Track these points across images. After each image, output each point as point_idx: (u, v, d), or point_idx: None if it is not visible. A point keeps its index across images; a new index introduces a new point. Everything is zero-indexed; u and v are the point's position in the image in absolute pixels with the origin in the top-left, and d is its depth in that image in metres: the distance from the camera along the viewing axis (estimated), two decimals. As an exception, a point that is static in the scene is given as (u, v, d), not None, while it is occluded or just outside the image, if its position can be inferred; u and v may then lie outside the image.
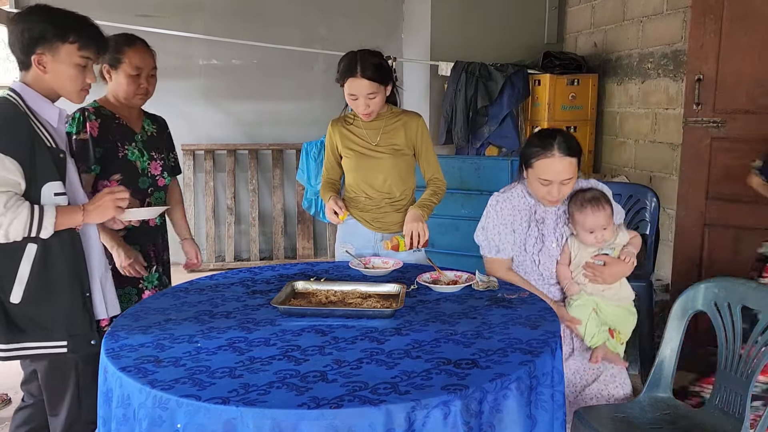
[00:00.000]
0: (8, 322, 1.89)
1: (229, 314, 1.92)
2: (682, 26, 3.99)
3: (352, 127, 2.64)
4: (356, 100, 2.49)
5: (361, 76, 2.43)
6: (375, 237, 2.67)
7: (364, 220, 2.67)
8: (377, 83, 2.46)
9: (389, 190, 2.63)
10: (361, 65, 2.44)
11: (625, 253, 2.24)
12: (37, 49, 1.87)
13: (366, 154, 2.61)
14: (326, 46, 5.47)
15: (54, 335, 1.92)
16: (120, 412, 1.49)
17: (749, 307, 2.03)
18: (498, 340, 1.70)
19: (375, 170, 2.61)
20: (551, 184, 2.20)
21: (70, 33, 1.88)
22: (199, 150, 5.55)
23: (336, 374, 1.49)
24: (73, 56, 1.90)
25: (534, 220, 2.32)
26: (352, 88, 2.47)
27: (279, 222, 5.70)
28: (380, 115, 2.60)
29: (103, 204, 1.92)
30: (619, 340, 2.29)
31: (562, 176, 2.18)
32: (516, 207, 2.31)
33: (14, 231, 1.78)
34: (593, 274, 2.23)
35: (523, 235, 2.32)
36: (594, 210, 2.18)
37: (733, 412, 1.99)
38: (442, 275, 2.28)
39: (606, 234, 2.22)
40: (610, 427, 2.01)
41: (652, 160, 4.32)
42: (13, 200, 1.77)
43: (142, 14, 4.88)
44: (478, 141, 4.94)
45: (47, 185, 1.87)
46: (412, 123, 2.62)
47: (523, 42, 5.32)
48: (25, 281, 1.87)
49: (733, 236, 3.15)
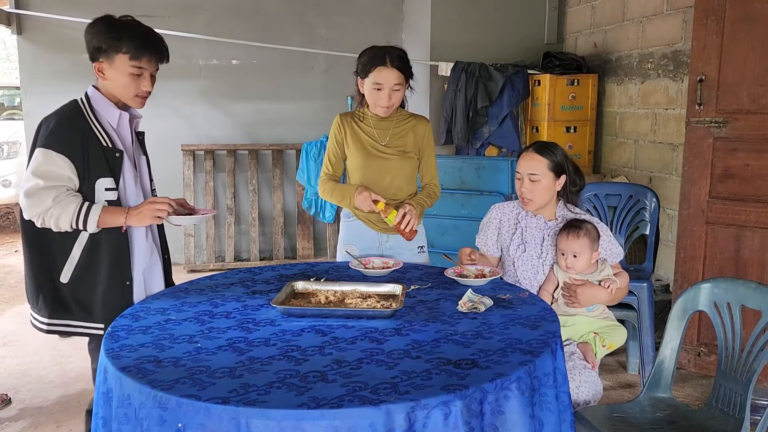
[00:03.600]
0: (55, 299, 2.12)
1: (229, 314, 1.92)
2: (682, 26, 3.99)
3: (362, 125, 2.64)
4: (380, 90, 2.49)
5: (390, 66, 2.46)
6: (380, 238, 2.67)
7: (369, 221, 2.66)
8: (404, 75, 2.50)
9: (395, 192, 2.62)
10: (389, 55, 2.47)
11: (606, 279, 2.34)
12: (99, 58, 2.09)
13: (374, 153, 2.60)
14: (326, 46, 5.47)
15: (93, 317, 2.13)
16: (121, 411, 1.48)
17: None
18: (498, 340, 1.70)
19: (382, 171, 2.61)
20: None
21: (123, 44, 2.06)
22: (199, 150, 5.55)
23: (336, 374, 1.49)
24: (125, 66, 2.08)
25: (519, 227, 2.49)
26: (380, 77, 2.47)
27: (279, 222, 5.70)
28: (391, 116, 2.61)
29: (143, 212, 2.08)
30: (602, 342, 2.32)
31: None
32: (506, 214, 2.55)
33: (63, 223, 2.00)
34: (568, 293, 2.33)
35: (509, 238, 2.49)
36: (569, 235, 2.33)
37: (733, 412, 1.99)
38: (464, 269, 2.31)
39: (577, 263, 2.32)
40: (610, 427, 2.01)
41: (652, 161, 4.32)
42: (64, 194, 2.00)
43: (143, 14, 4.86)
44: (478, 141, 4.94)
45: (99, 181, 2.07)
46: (421, 127, 2.65)
47: (523, 42, 5.32)
48: (75, 263, 2.09)
49: (735, 236, 3.16)
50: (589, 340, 2.32)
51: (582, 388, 2.11)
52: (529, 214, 2.47)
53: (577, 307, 2.34)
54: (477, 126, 4.91)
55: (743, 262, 3.14)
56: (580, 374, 2.14)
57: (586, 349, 2.27)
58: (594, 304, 2.35)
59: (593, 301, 2.34)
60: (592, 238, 2.31)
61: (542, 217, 2.46)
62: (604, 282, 2.33)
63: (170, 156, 5.41)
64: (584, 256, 2.31)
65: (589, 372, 2.17)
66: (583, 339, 2.34)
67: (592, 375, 2.17)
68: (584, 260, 2.31)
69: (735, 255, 3.17)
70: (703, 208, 3.24)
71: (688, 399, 3.10)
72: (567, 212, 2.47)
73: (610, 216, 3.56)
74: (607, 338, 2.33)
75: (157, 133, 4.69)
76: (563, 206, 2.49)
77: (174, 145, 5.48)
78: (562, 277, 2.37)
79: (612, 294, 2.33)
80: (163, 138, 5.25)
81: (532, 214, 2.47)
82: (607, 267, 2.39)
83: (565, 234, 2.34)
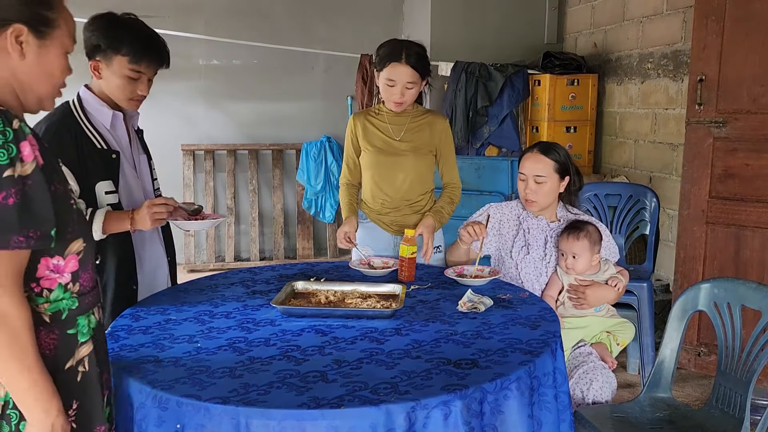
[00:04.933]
0: None
1: (229, 314, 1.92)
2: (682, 26, 3.99)
3: (376, 120, 2.58)
4: (393, 86, 2.43)
5: (405, 62, 2.39)
6: (394, 240, 2.59)
7: (383, 223, 2.61)
8: (418, 73, 2.43)
9: (408, 191, 2.56)
10: (406, 51, 2.40)
11: (613, 278, 2.34)
12: (96, 57, 2.01)
13: (387, 150, 2.54)
14: (326, 46, 5.47)
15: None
16: (121, 411, 1.48)
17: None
18: (498, 340, 1.70)
19: (395, 168, 2.55)
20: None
21: (124, 46, 1.99)
22: (199, 150, 5.55)
23: (336, 374, 1.49)
24: (123, 68, 2.01)
25: (522, 228, 2.45)
26: (393, 73, 2.41)
27: (279, 222, 5.70)
28: (406, 111, 2.55)
29: (142, 216, 1.98)
30: (615, 340, 2.33)
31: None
32: (505, 214, 2.50)
33: None
34: (576, 295, 2.31)
35: (511, 240, 2.45)
36: (570, 236, 2.32)
37: (733, 413, 1.99)
38: (464, 269, 2.31)
39: (576, 264, 2.31)
40: (610, 427, 2.01)
41: (652, 160, 4.32)
42: None
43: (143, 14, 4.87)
44: (478, 141, 4.94)
45: (99, 184, 2.01)
46: (438, 124, 2.58)
47: (523, 42, 5.32)
48: None
49: (735, 236, 3.16)
50: (603, 340, 2.32)
51: (604, 388, 2.13)
52: (530, 216, 2.45)
53: (586, 308, 2.33)
54: (477, 126, 4.91)
55: (743, 262, 3.14)
56: (601, 375, 2.14)
57: (601, 349, 2.27)
58: (602, 304, 2.35)
59: (602, 301, 2.33)
60: (593, 240, 2.30)
61: (544, 218, 2.44)
62: (611, 281, 2.32)
63: (170, 156, 5.41)
64: (584, 257, 2.30)
65: (608, 372, 2.18)
66: (597, 339, 2.33)
67: (610, 375, 2.18)
68: (584, 262, 2.31)
69: (735, 255, 3.17)
70: (703, 208, 3.24)
71: (688, 399, 3.11)
72: (567, 213, 2.47)
73: (610, 216, 3.56)
74: (620, 336, 2.35)
75: (157, 133, 4.66)
76: (563, 207, 2.48)
77: (174, 145, 5.47)
78: (567, 279, 2.35)
79: (620, 292, 2.33)
80: (163, 138, 5.24)
81: (533, 216, 2.45)
82: (611, 266, 2.38)
83: (566, 235, 2.33)
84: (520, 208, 2.48)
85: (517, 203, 2.50)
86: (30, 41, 1.25)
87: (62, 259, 1.26)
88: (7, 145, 1.14)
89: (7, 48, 1.24)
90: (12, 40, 1.24)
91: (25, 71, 1.27)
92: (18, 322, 1.16)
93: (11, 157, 1.14)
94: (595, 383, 2.11)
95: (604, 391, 2.12)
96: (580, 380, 2.13)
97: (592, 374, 2.13)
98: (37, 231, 1.16)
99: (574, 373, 2.15)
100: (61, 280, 1.26)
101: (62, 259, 1.26)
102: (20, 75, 1.26)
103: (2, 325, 1.15)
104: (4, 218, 1.13)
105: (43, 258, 1.24)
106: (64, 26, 1.30)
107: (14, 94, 1.27)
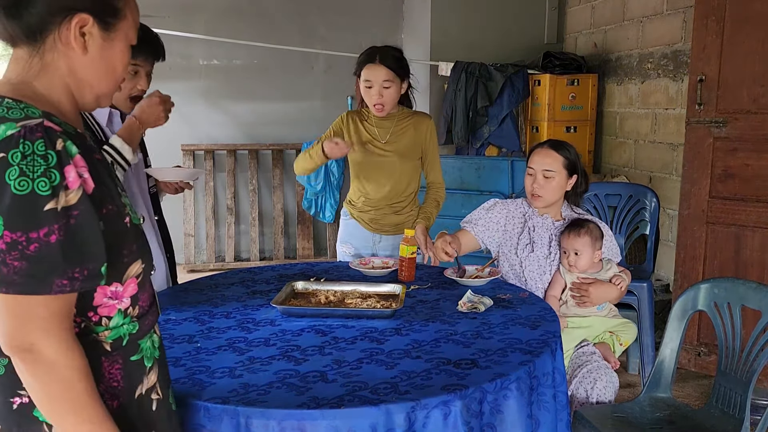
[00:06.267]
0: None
1: (228, 314, 1.92)
2: (682, 26, 3.99)
3: (365, 123, 2.64)
4: (371, 88, 2.50)
5: (379, 62, 2.47)
6: (374, 238, 2.67)
7: (363, 221, 2.67)
8: (393, 73, 2.49)
9: (390, 193, 2.62)
10: (380, 54, 2.49)
11: (616, 276, 2.34)
12: None
13: (373, 152, 2.61)
14: (326, 46, 5.46)
15: None
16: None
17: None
18: (498, 340, 1.70)
19: (379, 170, 2.61)
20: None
21: None
22: (199, 150, 5.55)
23: (336, 374, 1.49)
24: None
25: (527, 226, 2.44)
26: (369, 74, 2.49)
27: (279, 222, 5.70)
28: (391, 114, 2.61)
29: (155, 112, 2.04)
30: (618, 340, 2.33)
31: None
32: (511, 211, 2.48)
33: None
34: (579, 293, 2.31)
35: (516, 238, 2.44)
36: (571, 233, 2.32)
37: (733, 412, 1.99)
38: (464, 269, 2.32)
39: (578, 261, 2.31)
40: (610, 427, 2.01)
41: (652, 160, 4.32)
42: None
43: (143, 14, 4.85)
44: (478, 141, 4.94)
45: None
46: (423, 124, 2.63)
47: (523, 42, 5.32)
48: None
49: (735, 236, 3.16)
50: (606, 340, 2.32)
51: (608, 388, 2.13)
52: (536, 214, 2.44)
53: (588, 306, 2.32)
54: (477, 126, 4.91)
55: (743, 262, 3.14)
56: (605, 375, 2.15)
57: (605, 349, 2.27)
58: (605, 302, 2.35)
59: (604, 299, 2.33)
60: (594, 237, 2.31)
61: (549, 216, 2.43)
62: (614, 279, 2.32)
63: (170, 156, 5.39)
64: (586, 254, 2.30)
65: (612, 372, 2.19)
66: (599, 339, 2.33)
67: (614, 375, 2.19)
68: (586, 258, 2.31)
69: (735, 255, 3.17)
70: (703, 208, 3.24)
71: (688, 399, 3.10)
72: (572, 213, 2.47)
73: (610, 216, 3.55)
74: (622, 336, 2.35)
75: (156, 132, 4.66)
76: (568, 206, 2.48)
77: (174, 145, 5.47)
78: (570, 278, 2.36)
79: (622, 291, 2.33)
80: (162, 138, 5.21)
81: (539, 214, 2.44)
82: (613, 266, 2.38)
83: (567, 232, 2.33)
84: (526, 206, 2.48)
85: (523, 201, 2.50)
86: (94, 33, 1.10)
87: (120, 285, 1.12)
88: (49, 172, 0.97)
89: (70, 41, 1.08)
90: (76, 32, 1.08)
91: (86, 67, 1.11)
92: (68, 371, 1.01)
93: (53, 186, 0.97)
94: (599, 383, 2.12)
95: (607, 390, 2.12)
96: (584, 380, 2.13)
97: (596, 374, 2.14)
98: (84, 269, 1.01)
99: (577, 372, 2.16)
100: (120, 306, 1.12)
101: (120, 285, 1.12)
102: (80, 71, 1.11)
103: (52, 374, 1.00)
104: (45, 258, 0.97)
105: (100, 287, 1.09)
106: (130, 17, 1.16)
107: (69, 93, 1.13)
